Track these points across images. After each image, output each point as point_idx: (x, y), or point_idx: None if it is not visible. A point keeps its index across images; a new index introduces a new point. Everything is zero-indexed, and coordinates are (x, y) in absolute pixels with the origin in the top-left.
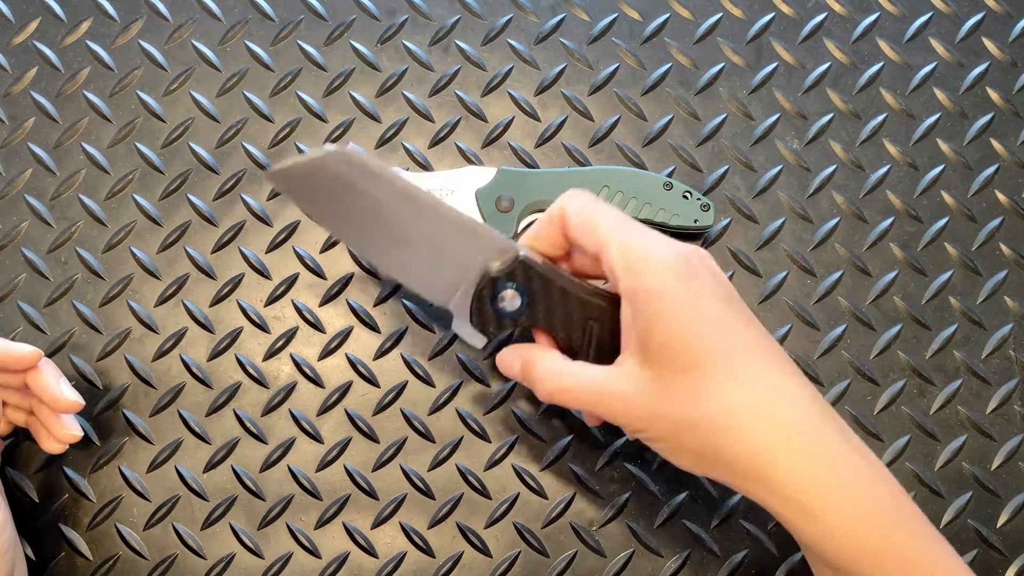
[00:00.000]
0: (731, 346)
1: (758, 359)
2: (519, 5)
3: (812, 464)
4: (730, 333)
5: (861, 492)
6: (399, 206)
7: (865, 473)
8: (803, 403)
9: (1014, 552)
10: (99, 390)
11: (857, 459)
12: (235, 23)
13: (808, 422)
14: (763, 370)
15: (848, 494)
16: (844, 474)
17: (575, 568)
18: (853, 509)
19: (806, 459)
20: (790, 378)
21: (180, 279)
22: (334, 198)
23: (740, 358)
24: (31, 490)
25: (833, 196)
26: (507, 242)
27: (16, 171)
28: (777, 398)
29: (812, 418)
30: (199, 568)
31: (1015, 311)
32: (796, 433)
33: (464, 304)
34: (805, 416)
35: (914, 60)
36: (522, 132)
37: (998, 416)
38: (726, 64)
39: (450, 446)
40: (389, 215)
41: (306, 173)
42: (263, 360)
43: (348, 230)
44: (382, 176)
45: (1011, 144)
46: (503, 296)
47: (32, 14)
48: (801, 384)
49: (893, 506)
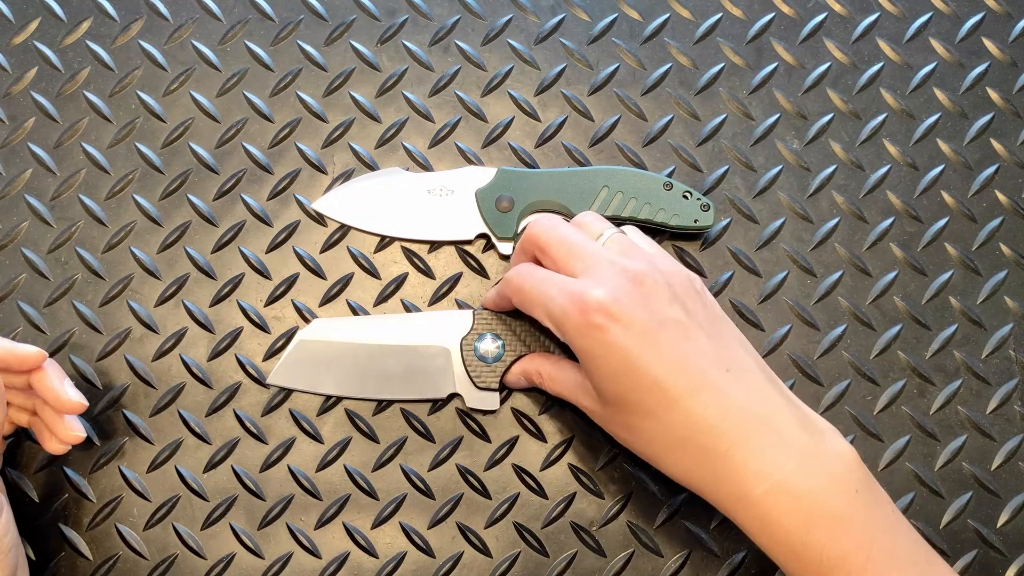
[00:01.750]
0: (642, 392)
1: (667, 393)
2: (519, 5)
3: None
4: (640, 375)
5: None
6: (369, 357)
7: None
8: (704, 423)
9: (1014, 552)
10: (99, 390)
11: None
12: (235, 23)
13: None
14: (674, 402)
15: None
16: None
17: (575, 568)
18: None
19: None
20: (721, 402)
21: (180, 279)
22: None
23: (653, 396)
24: (31, 490)
25: (833, 196)
26: (460, 313)
27: (16, 171)
28: (688, 425)
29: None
30: (199, 568)
31: (1015, 311)
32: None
33: (464, 380)
34: (709, 436)
35: (914, 60)
36: (522, 132)
37: (998, 416)
38: (726, 64)
39: (450, 446)
40: (365, 367)
41: (293, 359)
42: (263, 360)
43: (346, 388)
44: (342, 342)
45: (1011, 144)
46: (484, 348)
47: (32, 14)
48: (729, 407)
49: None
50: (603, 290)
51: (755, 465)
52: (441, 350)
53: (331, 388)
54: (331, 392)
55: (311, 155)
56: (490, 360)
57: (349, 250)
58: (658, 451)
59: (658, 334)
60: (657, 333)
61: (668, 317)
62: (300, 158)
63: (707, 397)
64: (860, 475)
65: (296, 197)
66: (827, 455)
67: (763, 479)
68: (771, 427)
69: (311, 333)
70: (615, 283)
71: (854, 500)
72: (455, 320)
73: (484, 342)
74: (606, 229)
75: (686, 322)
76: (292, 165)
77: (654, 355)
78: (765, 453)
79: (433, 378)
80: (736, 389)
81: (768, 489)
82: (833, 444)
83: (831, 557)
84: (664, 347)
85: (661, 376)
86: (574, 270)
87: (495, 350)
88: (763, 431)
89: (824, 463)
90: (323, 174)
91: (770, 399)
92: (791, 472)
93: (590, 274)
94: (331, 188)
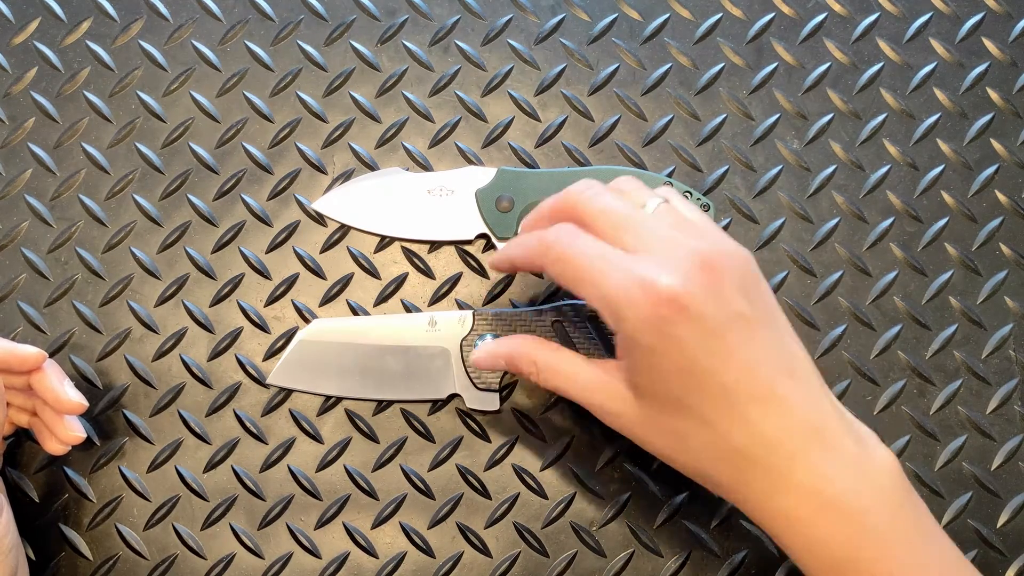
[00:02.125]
0: (704, 396)
1: (732, 400)
2: (519, 5)
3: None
4: (708, 381)
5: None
6: (369, 357)
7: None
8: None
9: (1014, 552)
10: (99, 390)
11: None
12: (235, 23)
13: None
14: (737, 414)
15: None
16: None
17: (575, 568)
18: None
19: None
20: (783, 412)
21: (180, 279)
22: (322, 370)
23: (716, 403)
24: (31, 490)
25: (833, 196)
26: (460, 313)
27: (16, 171)
28: (752, 442)
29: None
30: (199, 568)
31: (1015, 311)
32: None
33: (464, 380)
34: (784, 457)
35: (914, 60)
36: (522, 132)
37: (998, 416)
38: (726, 64)
39: (450, 446)
40: (365, 367)
41: (293, 359)
42: (263, 360)
43: (346, 388)
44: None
45: (1011, 144)
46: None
47: (32, 14)
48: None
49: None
50: (675, 277)
51: (809, 481)
52: (441, 350)
53: (331, 388)
54: (331, 392)
55: (311, 155)
56: None
57: (349, 250)
58: (704, 462)
59: (727, 332)
60: (726, 331)
61: (735, 311)
62: (300, 158)
63: (771, 407)
64: (904, 488)
65: (296, 197)
66: (874, 468)
67: (815, 495)
68: (825, 439)
69: (311, 333)
70: (684, 268)
71: (899, 516)
72: (455, 320)
73: (484, 342)
74: (650, 198)
75: (751, 317)
76: (292, 165)
77: (723, 357)
78: (819, 468)
79: (433, 378)
80: (797, 397)
81: (819, 506)
82: (877, 454)
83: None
84: (732, 348)
85: (729, 382)
86: (625, 244)
87: None
88: (818, 444)
89: (873, 478)
90: (323, 174)
91: (823, 406)
92: (842, 490)
93: (649, 252)
94: (331, 188)
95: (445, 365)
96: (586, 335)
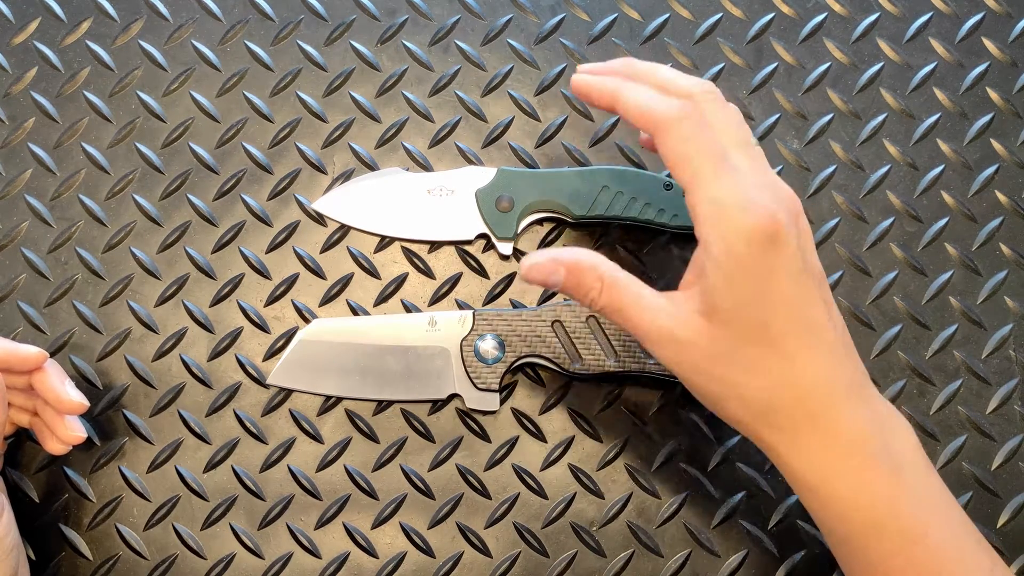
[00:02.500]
0: (791, 327)
1: (815, 340)
2: (519, 5)
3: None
4: (796, 313)
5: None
6: (369, 357)
7: (884, 466)
8: (837, 392)
9: (1014, 552)
10: (99, 390)
11: (870, 449)
12: (235, 23)
13: (835, 412)
14: (815, 353)
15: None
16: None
17: (575, 568)
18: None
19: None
20: (841, 361)
21: (180, 279)
22: (322, 370)
23: (801, 338)
24: (31, 490)
25: (833, 196)
26: (460, 313)
27: (16, 171)
28: (818, 384)
29: (842, 407)
30: (199, 568)
31: (1015, 311)
32: (817, 417)
33: (464, 380)
34: (839, 406)
35: (914, 60)
36: (522, 132)
37: (998, 416)
38: (726, 64)
39: (450, 446)
40: (365, 367)
41: (293, 359)
42: (263, 360)
43: (346, 388)
44: (342, 343)
45: (1011, 144)
46: (484, 348)
47: (32, 14)
48: (845, 367)
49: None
50: (780, 210)
51: (854, 433)
52: (441, 350)
53: (331, 388)
54: (331, 392)
55: (311, 155)
56: (490, 361)
57: (349, 250)
58: (761, 402)
59: (812, 276)
60: (811, 274)
61: (815, 263)
62: (300, 158)
63: (836, 353)
64: (923, 451)
65: (296, 197)
66: (902, 429)
67: (859, 446)
68: (865, 395)
69: (311, 333)
70: (793, 209)
71: (928, 478)
72: (455, 320)
73: (484, 342)
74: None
75: (820, 275)
76: (292, 165)
77: (811, 294)
78: (859, 423)
79: (433, 378)
80: (850, 352)
81: (864, 457)
82: (903, 419)
83: (913, 536)
84: (815, 290)
85: (814, 317)
86: (735, 163)
87: (495, 350)
88: (858, 398)
89: (903, 436)
90: (323, 174)
91: (862, 368)
92: (882, 446)
93: (754, 178)
94: (331, 188)
95: (445, 365)
96: (586, 335)
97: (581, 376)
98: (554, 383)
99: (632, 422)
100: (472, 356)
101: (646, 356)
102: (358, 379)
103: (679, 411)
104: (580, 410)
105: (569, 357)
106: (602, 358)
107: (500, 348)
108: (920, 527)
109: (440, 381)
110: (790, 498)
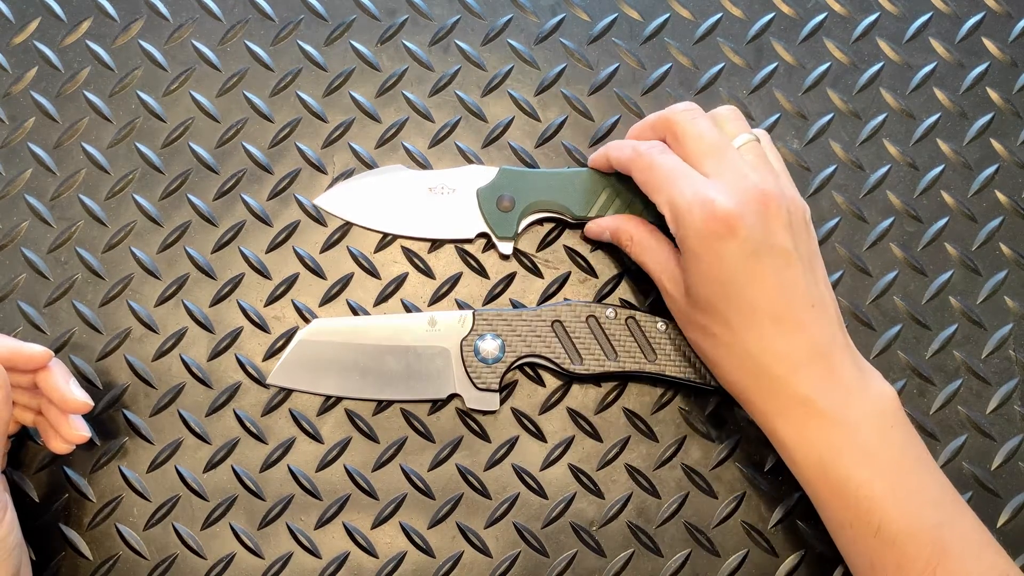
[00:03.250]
0: (737, 305)
1: (761, 317)
2: (519, 5)
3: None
4: (740, 293)
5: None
6: (369, 357)
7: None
8: (773, 349)
9: (1014, 552)
10: (99, 390)
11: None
12: (235, 23)
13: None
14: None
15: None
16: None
17: (575, 568)
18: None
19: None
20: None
21: (180, 279)
22: (322, 370)
23: (741, 314)
24: (31, 490)
25: (833, 196)
26: (460, 313)
27: (16, 171)
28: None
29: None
30: (199, 568)
31: (1015, 311)
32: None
33: (464, 380)
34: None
35: (914, 60)
36: (522, 132)
37: (998, 416)
38: (726, 64)
39: (450, 446)
40: (365, 367)
41: (293, 359)
42: (263, 360)
43: (346, 388)
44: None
45: (1011, 144)
46: (485, 348)
47: (32, 14)
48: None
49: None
50: (732, 202)
51: (804, 391)
52: (441, 350)
53: (331, 388)
54: (331, 392)
55: (311, 155)
56: (490, 360)
57: (349, 250)
58: (722, 358)
59: (765, 258)
60: (764, 257)
61: (777, 243)
62: (300, 158)
63: (785, 327)
64: (898, 416)
65: (296, 197)
66: (870, 395)
67: (808, 403)
68: (828, 362)
69: (311, 333)
70: (743, 197)
71: (888, 436)
72: (455, 320)
73: (484, 342)
74: (743, 132)
75: (790, 253)
76: (292, 165)
77: (755, 277)
78: (815, 383)
79: (433, 378)
80: (811, 325)
81: (808, 412)
82: (875, 384)
83: (855, 484)
84: (766, 273)
85: (754, 298)
86: (705, 169)
87: (495, 350)
88: (821, 365)
89: (866, 399)
90: (323, 174)
91: (835, 338)
92: (834, 402)
93: (721, 178)
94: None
95: (445, 365)
96: (586, 335)
97: (581, 376)
98: (554, 383)
99: (632, 422)
100: (472, 356)
101: (646, 356)
102: (358, 379)
103: (679, 411)
104: (580, 410)
105: (569, 357)
106: (602, 358)
107: (500, 348)
108: (878, 491)
109: (440, 381)
110: (790, 498)
